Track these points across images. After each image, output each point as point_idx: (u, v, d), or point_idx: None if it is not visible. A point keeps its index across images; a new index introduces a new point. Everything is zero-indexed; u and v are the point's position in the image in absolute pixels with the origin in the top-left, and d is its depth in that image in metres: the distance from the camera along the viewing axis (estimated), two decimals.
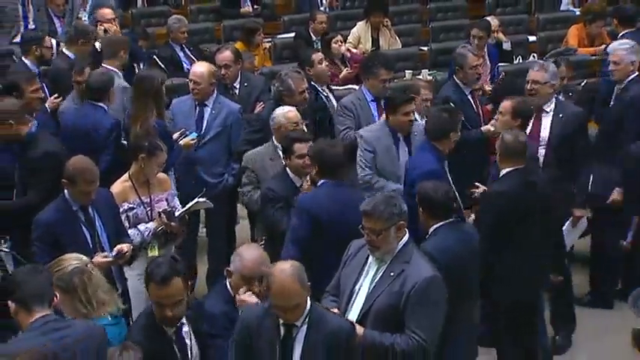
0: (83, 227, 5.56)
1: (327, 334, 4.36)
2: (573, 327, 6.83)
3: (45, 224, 5.51)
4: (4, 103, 6.40)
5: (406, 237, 4.83)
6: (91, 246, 5.49)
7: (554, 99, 6.95)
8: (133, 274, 5.79)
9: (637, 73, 7.46)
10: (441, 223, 5.25)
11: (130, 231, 5.95)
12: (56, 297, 4.24)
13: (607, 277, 7.38)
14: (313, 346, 4.34)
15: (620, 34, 9.14)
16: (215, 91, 7.34)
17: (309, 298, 4.37)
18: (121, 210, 5.99)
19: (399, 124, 6.68)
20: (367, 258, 4.85)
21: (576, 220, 6.78)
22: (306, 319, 4.36)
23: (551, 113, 6.87)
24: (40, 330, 4.05)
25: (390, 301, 4.66)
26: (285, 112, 6.69)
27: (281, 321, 4.36)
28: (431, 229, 5.26)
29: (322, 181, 5.71)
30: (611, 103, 7.63)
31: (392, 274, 4.71)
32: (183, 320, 4.50)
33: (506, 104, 6.72)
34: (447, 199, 5.34)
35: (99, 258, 5.38)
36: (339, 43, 9.77)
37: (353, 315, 4.77)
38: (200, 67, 7.42)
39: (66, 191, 5.57)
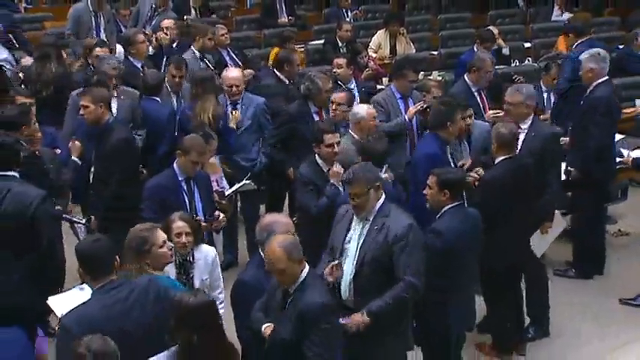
0: (185, 195, 5.71)
1: (299, 309, 4.14)
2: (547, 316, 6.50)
3: (154, 187, 5.72)
4: (102, 89, 6.56)
5: (383, 197, 4.88)
6: (188, 211, 5.61)
7: (530, 118, 6.45)
8: None
9: (606, 77, 7.15)
10: (451, 205, 5.24)
11: None
12: (117, 261, 4.14)
13: (587, 251, 7.33)
14: (289, 317, 4.18)
15: (576, 44, 8.89)
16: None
17: (305, 269, 4.20)
18: None
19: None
20: (352, 219, 4.89)
21: (545, 230, 6.36)
22: (296, 290, 4.21)
23: (526, 131, 6.37)
24: (100, 297, 3.97)
25: (378, 252, 4.74)
26: (367, 109, 6.66)
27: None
28: (442, 210, 5.25)
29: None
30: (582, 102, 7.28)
31: (376, 227, 4.77)
32: None
33: (340, 96, 6.81)
34: (464, 181, 5.41)
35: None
36: (365, 59, 9.78)
37: (347, 266, 4.78)
38: (236, 72, 7.45)
39: (175, 164, 5.76)
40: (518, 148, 6.20)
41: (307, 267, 4.24)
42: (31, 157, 5.84)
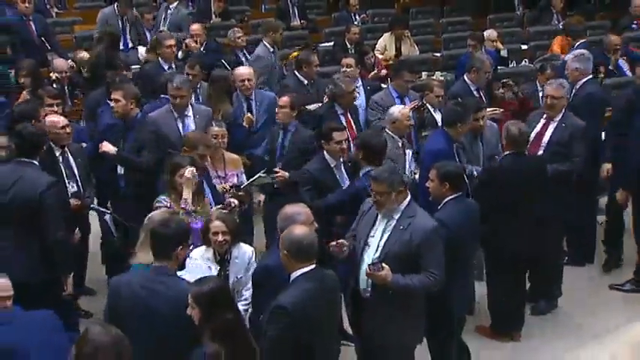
0: None
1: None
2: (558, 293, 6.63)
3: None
4: (132, 86, 6.64)
5: (408, 197, 4.88)
6: None
7: (563, 110, 6.53)
8: None
9: (590, 76, 7.20)
10: (451, 197, 5.28)
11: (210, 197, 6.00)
12: (181, 248, 4.03)
13: (580, 242, 7.33)
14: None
15: (576, 45, 8.92)
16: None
17: (299, 271, 4.06)
18: None
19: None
20: (377, 214, 4.90)
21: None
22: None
23: (556, 122, 6.47)
24: (149, 276, 3.96)
25: (402, 248, 4.73)
26: (401, 109, 6.68)
27: None
28: (444, 201, 5.29)
29: None
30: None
31: (401, 227, 4.77)
32: None
33: (285, 99, 6.73)
34: (463, 174, 5.43)
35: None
36: (371, 59, 9.77)
37: (368, 258, 4.78)
38: (247, 69, 7.43)
39: None
40: (548, 137, 6.37)
41: (307, 269, 4.07)
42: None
